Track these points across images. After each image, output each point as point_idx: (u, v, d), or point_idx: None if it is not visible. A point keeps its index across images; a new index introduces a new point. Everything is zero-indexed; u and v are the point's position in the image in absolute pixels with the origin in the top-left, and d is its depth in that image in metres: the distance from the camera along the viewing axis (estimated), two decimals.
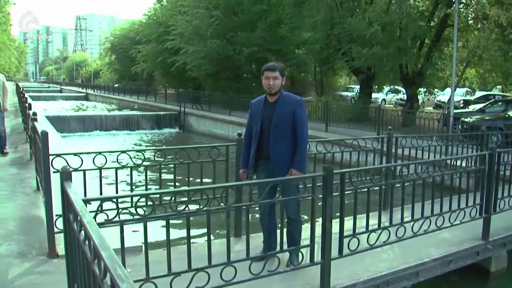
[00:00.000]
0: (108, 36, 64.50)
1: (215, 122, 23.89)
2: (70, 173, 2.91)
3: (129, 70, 47.63)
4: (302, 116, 4.55)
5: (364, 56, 17.95)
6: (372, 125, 16.50)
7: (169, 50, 32.25)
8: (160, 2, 44.68)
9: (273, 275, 3.89)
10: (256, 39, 26.21)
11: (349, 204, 4.48)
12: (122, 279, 1.56)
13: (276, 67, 4.58)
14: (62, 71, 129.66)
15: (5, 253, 4.77)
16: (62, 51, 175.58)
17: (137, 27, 49.40)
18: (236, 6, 27.26)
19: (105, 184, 5.34)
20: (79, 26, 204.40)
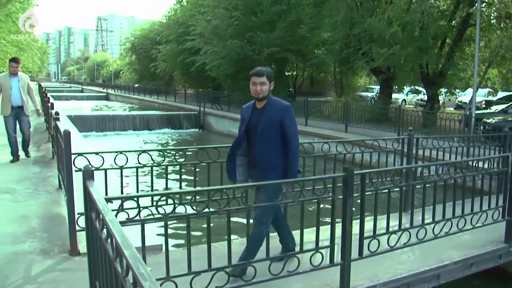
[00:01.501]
0: (128, 36, 65.15)
1: (234, 122, 23.90)
2: (92, 172, 2.94)
3: (149, 70, 48.04)
4: (291, 125, 4.43)
5: (383, 56, 17.82)
6: (392, 125, 16.38)
7: (188, 50, 32.43)
8: (180, 3, 44.96)
9: (293, 275, 3.89)
10: (276, 39, 26.18)
11: (369, 205, 4.45)
12: (145, 278, 1.57)
13: (263, 72, 4.44)
14: (83, 71, 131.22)
15: (28, 250, 4.84)
16: (83, 52, 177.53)
17: (157, 27, 49.83)
18: (256, 6, 27.26)
19: (126, 183, 5.39)
20: (100, 27, 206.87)
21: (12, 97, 9.25)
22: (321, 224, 4.15)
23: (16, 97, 9.32)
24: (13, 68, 9.37)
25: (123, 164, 5.17)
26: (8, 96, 9.24)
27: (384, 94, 22.72)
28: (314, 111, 20.65)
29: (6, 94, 9.25)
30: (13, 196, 6.87)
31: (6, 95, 9.24)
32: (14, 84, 9.30)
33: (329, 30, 23.20)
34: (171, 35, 38.10)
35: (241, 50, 26.68)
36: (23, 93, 9.37)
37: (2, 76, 9.60)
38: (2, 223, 5.62)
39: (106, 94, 64.11)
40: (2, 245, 4.93)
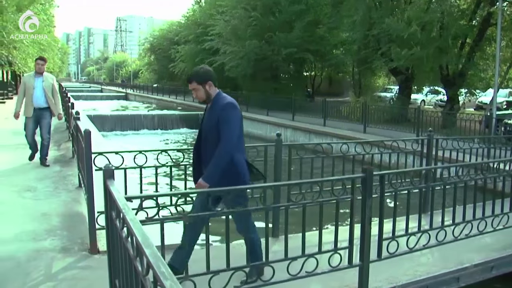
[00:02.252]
0: (147, 37, 65.72)
1: (252, 123, 23.95)
2: (112, 171, 2.95)
3: (168, 70, 48.35)
4: (224, 127, 3.99)
5: (403, 56, 17.69)
6: (411, 126, 16.25)
7: (207, 51, 32.59)
8: (199, 3, 45.16)
9: (311, 276, 3.88)
10: (294, 40, 26.15)
11: (388, 206, 4.42)
12: (166, 277, 1.58)
13: (191, 79, 4.19)
14: (103, 71, 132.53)
15: (49, 248, 4.90)
16: (102, 52, 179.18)
17: (175, 27, 50.17)
18: (274, 6, 27.27)
19: (144, 182, 5.43)
20: (119, 27, 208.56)
21: (34, 97, 8.78)
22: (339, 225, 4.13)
23: (38, 98, 8.80)
24: (39, 66, 8.91)
25: (142, 164, 5.21)
26: (30, 97, 8.79)
27: (403, 94, 22.55)
28: (332, 111, 20.58)
29: (28, 95, 8.80)
30: (34, 194, 6.96)
31: (29, 96, 8.79)
32: (38, 84, 8.81)
33: (347, 30, 23.14)
34: (190, 36, 38.34)
35: (259, 50, 26.72)
36: (47, 94, 8.84)
37: (27, 76, 9.21)
38: (23, 221, 5.69)
39: (125, 94, 64.70)
40: (23, 242, 5.01)
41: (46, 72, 9.23)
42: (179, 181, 7.03)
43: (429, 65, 18.82)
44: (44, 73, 9.02)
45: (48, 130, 9.06)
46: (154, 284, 1.73)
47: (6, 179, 7.80)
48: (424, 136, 7.96)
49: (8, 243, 4.97)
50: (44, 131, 8.97)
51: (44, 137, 8.98)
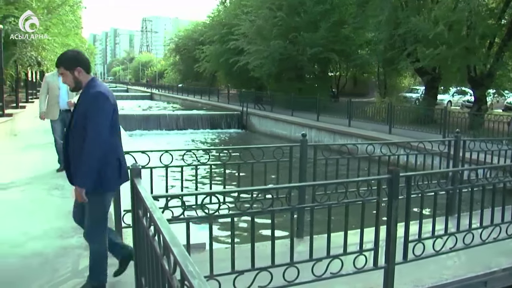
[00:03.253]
0: (172, 37, 66.28)
1: (277, 123, 23.94)
2: (139, 170, 2.99)
3: (193, 70, 48.66)
4: (94, 111, 3.56)
5: (427, 55, 17.47)
6: (438, 127, 16.04)
7: (232, 51, 32.69)
8: (224, 4, 45.32)
9: (336, 277, 3.86)
10: (319, 40, 26.05)
11: (414, 208, 4.38)
12: (194, 276, 1.60)
13: (58, 63, 3.77)
14: (129, 72, 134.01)
15: (76, 245, 4.98)
16: (128, 52, 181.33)
17: (200, 28, 50.46)
18: (299, 7, 27.20)
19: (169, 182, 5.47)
20: (145, 28, 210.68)
21: (60, 99, 8.22)
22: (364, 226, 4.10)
23: (64, 99, 8.18)
24: None
25: (168, 163, 5.25)
26: (55, 98, 8.20)
27: (429, 95, 22.27)
28: (357, 112, 20.45)
29: (53, 96, 8.22)
30: (62, 192, 7.08)
31: (54, 96, 8.21)
32: (63, 84, 7.86)
33: (373, 30, 22.97)
34: (215, 36, 38.51)
35: (284, 50, 26.70)
36: (70, 94, 8.01)
37: (51, 75, 8.45)
38: (51, 218, 5.80)
39: (151, 94, 65.34)
40: (51, 239, 5.10)
41: None
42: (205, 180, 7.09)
43: (456, 65, 18.54)
44: None
45: None
46: (181, 282, 1.74)
47: (36, 177, 7.95)
48: (450, 137, 7.87)
49: (37, 239, 5.08)
50: None
51: None
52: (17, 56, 14.24)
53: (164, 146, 15.07)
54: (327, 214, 3.90)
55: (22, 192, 7.10)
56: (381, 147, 6.52)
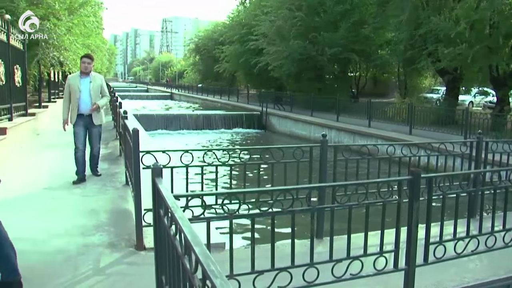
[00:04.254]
0: (192, 37, 66.60)
1: (296, 123, 23.92)
2: (161, 169, 3.00)
3: (212, 70, 48.84)
4: None
5: (449, 55, 17.27)
6: (459, 128, 15.87)
7: (251, 51, 32.76)
8: (243, 4, 45.39)
9: (356, 279, 3.85)
10: (339, 40, 25.96)
11: (434, 210, 4.33)
12: (216, 275, 1.60)
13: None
14: (149, 72, 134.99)
15: (97, 243, 5.05)
16: (148, 52, 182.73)
17: (220, 28, 50.64)
18: (319, 7, 27.13)
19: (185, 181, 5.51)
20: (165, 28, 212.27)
21: (81, 101, 7.65)
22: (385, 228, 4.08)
23: (85, 103, 7.68)
24: (85, 64, 7.65)
25: (188, 163, 5.28)
26: (76, 101, 7.64)
27: (450, 95, 22.04)
28: (377, 112, 20.33)
29: (74, 99, 7.65)
30: (83, 191, 7.17)
31: (74, 99, 7.65)
32: (85, 86, 7.68)
33: (393, 30, 22.82)
34: (234, 36, 38.63)
35: (303, 50, 26.64)
36: (94, 97, 7.73)
37: (72, 77, 7.94)
38: (73, 216, 5.87)
39: (171, 93, 65.79)
40: (73, 237, 5.17)
41: (93, 72, 8.06)
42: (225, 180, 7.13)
43: (478, 65, 18.31)
44: (91, 73, 7.85)
45: (98, 139, 8.09)
46: (202, 281, 1.74)
47: (57, 176, 8.06)
48: (472, 138, 7.78)
49: (59, 237, 5.15)
50: (95, 140, 7.98)
51: (94, 147, 8.00)
52: (40, 56, 14.44)
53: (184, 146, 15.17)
54: (346, 215, 3.89)
55: (44, 190, 7.20)
56: (401, 148, 6.46)
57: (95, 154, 8.10)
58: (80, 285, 4.06)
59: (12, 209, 6.08)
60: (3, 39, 9.88)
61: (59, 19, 15.04)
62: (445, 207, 4.32)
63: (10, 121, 10.41)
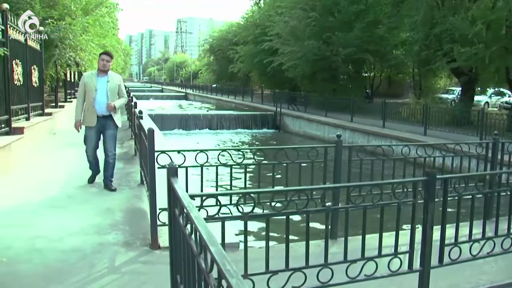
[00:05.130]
0: (207, 38, 66.72)
1: (310, 123, 23.88)
2: (176, 169, 3.02)
3: (227, 70, 48.94)
4: None
5: (463, 54, 17.12)
6: (474, 129, 15.73)
7: (266, 51, 32.76)
8: (258, 5, 45.42)
9: (370, 280, 3.84)
10: (353, 40, 25.87)
11: (449, 211, 4.31)
12: (231, 275, 1.61)
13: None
14: (163, 72, 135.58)
15: (112, 241, 5.08)
16: (163, 53, 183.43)
17: (235, 28, 50.71)
18: (333, 7, 27.07)
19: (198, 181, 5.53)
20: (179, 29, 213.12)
21: (96, 103, 7.07)
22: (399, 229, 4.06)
23: (101, 103, 7.09)
24: (104, 62, 7.07)
25: (203, 162, 5.30)
26: (91, 102, 7.07)
27: (465, 96, 21.85)
28: (391, 113, 20.22)
29: (89, 99, 7.09)
30: (99, 190, 7.22)
31: (90, 99, 7.08)
32: (101, 85, 7.10)
33: (408, 30, 22.69)
34: (249, 36, 38.68)
35: (318, 50, 26.58)
36: (111, 98, 7.14)
37: (88, 75, 7.32)
38: (89, 215, 5.92)
39: (185, 94, 66.06)
40: (89, 235, 5.21)
41: (111, 71, 7.47)
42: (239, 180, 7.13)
43: (494, 65, 18.14)
44: (109, 71, 7.27)
45: (114, 143, 7.39)
46: (218, 281, 1.75)
47: (73, 175, 8.13)
48: (488, 139, 7.71)
49: (75, 235, 5.20)
50: (109, 144, 7.27)
51: (109, 152, 7.25)
52: (57, 57, 14.56)
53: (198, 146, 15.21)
54: (361, 215, 3.88)
55: (61, 188, 7.27)
56: (416, 148, 6.43)
57: (110, 161, 7.24)
58: (95, 283, 4.09)
59: (29, 208, 6.17)
60: (21, 40, 9.99)
61: (74, 19, 15.16)
62: (460, 209, 4.29)
63: (28, 120, 10.53)
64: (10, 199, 6.52)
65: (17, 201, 6.44)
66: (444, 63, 19.84)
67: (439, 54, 19.60)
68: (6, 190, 7.04)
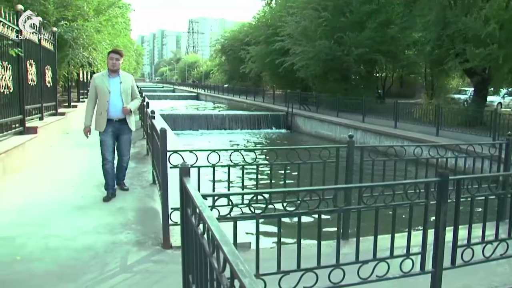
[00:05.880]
0: (218, 38, 66.87)
1: (322, 123, 23.84)
2: (188, 169, 3.03)
3: (238, 70, 48.95)
4: None
5: (477, 55, 16.99)
6: (487, 130, 15.59)
7: (277, 51, 32.77)
8: (269, 5, 45.42)
9: (382, 280, 3.83)
10: (365, 40, 25.78)
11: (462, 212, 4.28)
12: (244, 274, 1.61)
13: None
14: (175, 72, 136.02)
15: (124, 241, 5.12)
16: (175, 53, 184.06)
17: (246, 29, 50.70)
18: (345, 7, 26.99)
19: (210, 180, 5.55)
20: (191, 29, 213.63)
21: (110, 106, 6.56)
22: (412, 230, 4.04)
23: (116, 106, 6.59)
24: (113, 61, 6.55)
25: (215, 162, 5.31)
26: (105, 105, 6.55)
27: (478, 96, 21.66)
28: (403, 113, 20.13)
29: (103, 102, 6.58)
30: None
31: (103, 103, 6.57)
32: (114, 87, 6.60)
33: (420, 30, 22.52)
34: (260, 36, 38.71)
35: (329, 50, 26.52)
36: (126, 100, 6.66)
37: (99, 76, 6.78)
38: (102, 214, 5.96)
39: (197, 94, 66.23)
40: (101, 235, 5.25)
41: (122, 71, 6.93)
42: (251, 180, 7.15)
43: (508, 65, 17.98)
44: (120, 71, 6.76)
45: (129, 148, 7.05)
46: (230, 280, 1.76)
47: (86, 174, 8.19)
48: (501, 140, 7.64)
49: (87, 234, 5.24)
50: (125, 149, 6.94)
51: (124, 157, 6.98)
52: (70, 57, 14.69)
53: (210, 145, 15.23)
54: (372, 216, 3.87)
55: (73, 188, 7.33)
56: (428, 149, 6.39)
57: (123, 165, 7.06)
58: (108, 282, 4.12)
59: (42, 207, 6.23)
60: (35, 41, 10.09)
61: (87, 20, 15.29)
62: (473, 210, 4.27)
63: (41, 120, 10.64)
64: (24, 198, 6.59)
65: (31, 200, 6.51)
66: (457, 63, 19.69)
67: (452, 54, 19.46)
68: (20, 189, 7.13)
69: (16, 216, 5.83)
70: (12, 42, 8.29)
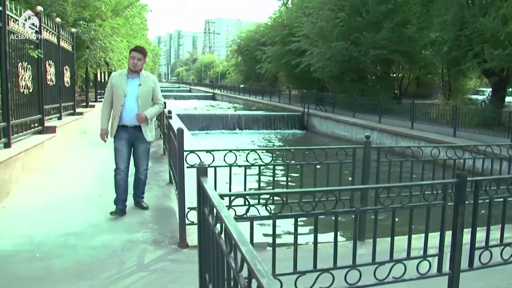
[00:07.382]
0: (234, 38, 67.02)
1: (338, 124, 23.77)
2: (206, 169, 3.03)
3: (254, 71, 49.03)
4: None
5: (496, 56, 16.80)
6: (505, 131, 15.44)
7: (293, 52, 32.72)
8: (285, 5, 45.39)
9: (398, 282, 3.81)
10: (382, 40, 25.65)
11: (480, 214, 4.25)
12: (262, 275, 1.61)
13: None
14: (191, 72, 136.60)
15: (141, 239, 5.16)
16: (191, 53, 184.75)
17: (262, 29, 50.75)
18: (361, 7, 26.88)
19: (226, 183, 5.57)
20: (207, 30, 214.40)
21: (124, 110, 5.85)
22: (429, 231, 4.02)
23: (130, 111, 5.86)
24: (134, 61, 5.81)
25: (232, 162, 5.33)
26: (119, 109, 5.86)
27: (496, 97, 21.44)
28: (420, 114, 19.98)
29: (117, 106, 5.88)
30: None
31: (117, 106, 5.88)
32: (132, 89, 5.86)
33: (437, 30, 22.37)
34: (276, 37, 38.72)
35: (346, 51, 26.44)
36: (143, 105, 5.89)
37: (117, 75, 6.03)
38: None
39: (213, 94, 66.40)
40: (119, 233, 5.30)
41: (144, 71, 6.13)
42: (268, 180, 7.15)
43: None
44: (142, 72, 5.99)
45: (147, 158, 6.29)
46: (248, 280, 1.76)
47: (103, 173, 8.25)
48: None
49: (105, 233, 5.30)
50: (142, 160, 6.18)
51: (141, 167, 6.20)
52: (88, 57, 14.85)
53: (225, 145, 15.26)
54: (389, 217, 3.86)
55: (91, 186, 7.41)
56: (446, 150, 6.36)
57: (141, 177, 6.25)
58: (125, 280, 4.16)
59: (61, 206, 6.31)
60: (54, 41, 10.20)
61: (105, 20, 15.43)
62: (491, 211, 4.23)
63: (60, 120, 10.77)
64: (43, 197, 6.68)
65: (50, 199, 6.60)
66: (475, 64, 19.50)
67: (470, 54, 19.28)
68: (40, 187, 7.22)
69: (36, 214, 5.91)
70: (31, 43, 8.41)
